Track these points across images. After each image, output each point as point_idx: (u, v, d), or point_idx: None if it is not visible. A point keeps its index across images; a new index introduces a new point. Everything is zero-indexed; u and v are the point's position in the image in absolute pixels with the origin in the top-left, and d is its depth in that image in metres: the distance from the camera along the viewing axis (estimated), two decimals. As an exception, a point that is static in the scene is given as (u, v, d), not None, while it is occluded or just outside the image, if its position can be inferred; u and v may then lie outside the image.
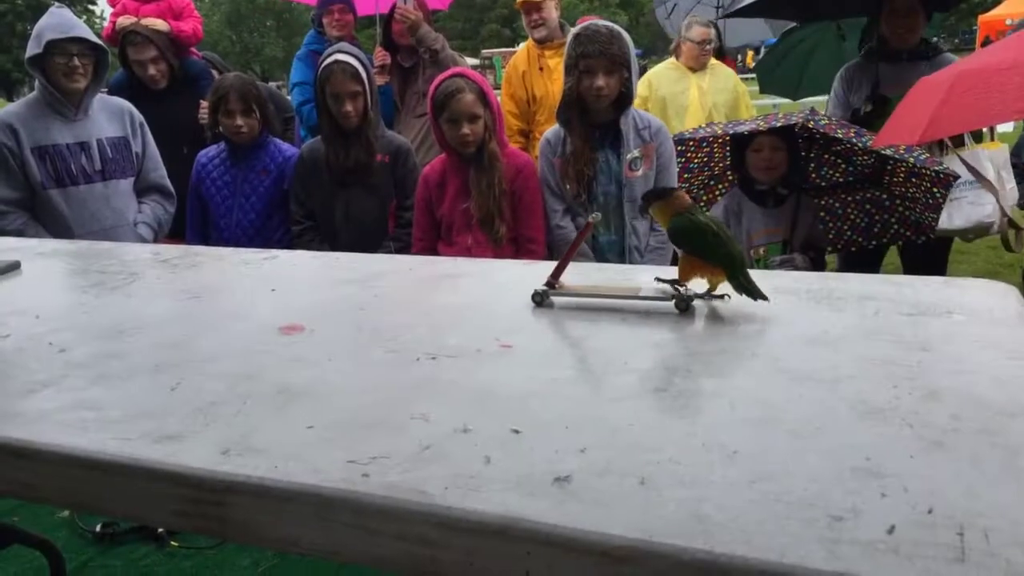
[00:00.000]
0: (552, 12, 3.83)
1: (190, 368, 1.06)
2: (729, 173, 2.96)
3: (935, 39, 3.52)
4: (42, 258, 1.76)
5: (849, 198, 2.97)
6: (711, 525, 0.65)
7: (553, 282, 1.30)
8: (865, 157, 2.84)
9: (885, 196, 2.92)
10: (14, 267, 1.60)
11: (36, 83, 2.87)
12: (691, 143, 2.91)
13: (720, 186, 3.03)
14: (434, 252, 2.64)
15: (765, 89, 5.53)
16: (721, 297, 1.22)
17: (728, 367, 0.99)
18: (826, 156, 2.96)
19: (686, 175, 3.00)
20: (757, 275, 1.22)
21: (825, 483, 0.71)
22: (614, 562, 0.64)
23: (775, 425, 0.82)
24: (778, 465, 0.74)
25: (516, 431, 0.84)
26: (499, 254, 2.55)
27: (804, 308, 1.19)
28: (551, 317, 1.23)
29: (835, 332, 1.07)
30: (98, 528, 2.16)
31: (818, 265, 2.73)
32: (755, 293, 1.17)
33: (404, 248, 2.74)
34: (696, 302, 1.21)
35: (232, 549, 2.09)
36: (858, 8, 3.55)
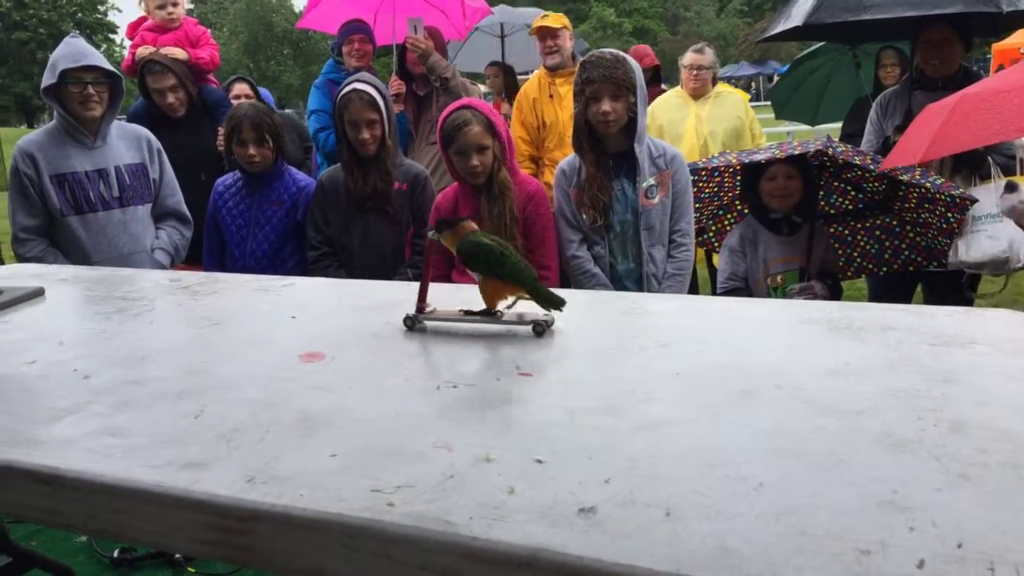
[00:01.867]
0: (567, 41, 3.88)
1: (212, 395, 1.06)
2: (738, 203, 2.97)
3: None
4: (64, 284, 1.78)
5: (859, 225, 2.97)
6: (739, 559, 0.65)
7: (422, 306, 1.34)
8: (876, 184, 2.85)
9: (895, 223, 2.92)
10: (38, 293, 1.61)
11: (54, 112, 2.91)
12: (703, 172, 2.93)
13: (729, 216, 3.04)
14: (448, 280, 2.65)
15: (781, 115, 5.57)
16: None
17: (749, 398, 0.99)
18: (836, 184, 2.96)
19: (696, 204, 3.00)
20: (777, 304, 1.22)
21: (852, 516, 0.70)
22: (641, 595, 0.64)
23: (799, 457, 0.82)
24: (804, 498, 0.74)
25: (539, 461, 0.84)
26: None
27: (825, 338, 1.19)
28: (565, 344, 1.23)
29: (858, 363, 1.06)
30: (115, 554, 2.15)
31: (835, 292, 2.72)
32: (557, 303, 1.25)
33: (419, 276, 2.75)
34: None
35: (251, 575, 2.08)
36: (899, 33, 3.57)
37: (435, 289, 1.40)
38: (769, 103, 5.67)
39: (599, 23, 41.39)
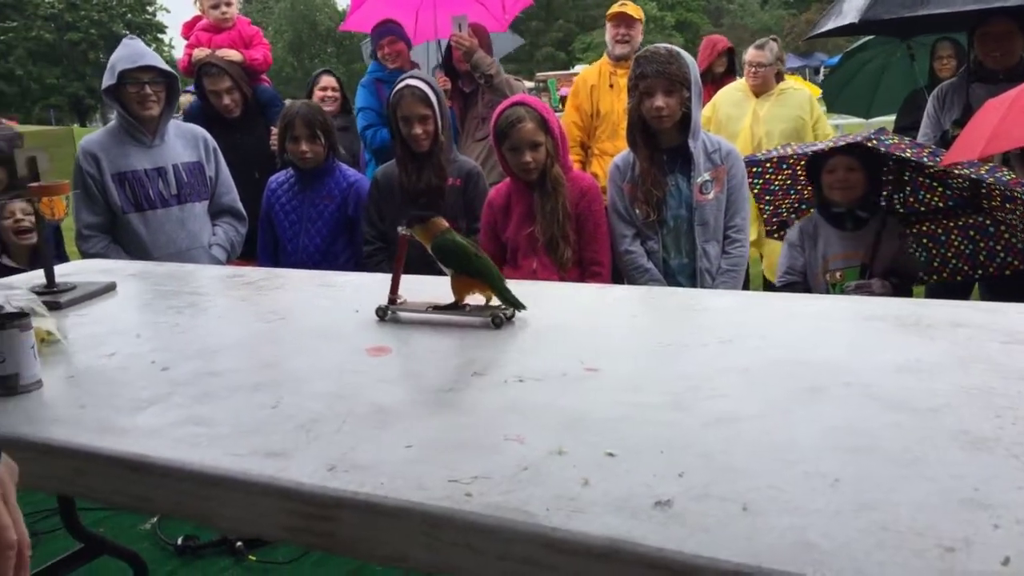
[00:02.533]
0: (639, 34, 3.85)
1: (287, 387, 1.09)
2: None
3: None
4: (133, 280, 1.84)
5: (951, 224, 2.77)
6: (820, 553, 0.66)
7: (394, 298, 1.42)
8: (959, 180, 2.71)
9: (988, 222, 2.72)
10: (110, 288, 1.67)
11: (115, 112, 2.99)
12: (767, 164, 2.86)
13: (812, 209, 2.92)
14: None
15: (833, 108, 5.48)
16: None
17: (817, 394, 0.98)
18: (921, 179, 2.79)
19: (767, 197, 2.93)
20: (838, 300, 1.21)
21: (933, 513, 0.70)
22: (723, 586, 0.65)
23: (873, 453, 0.82)
24: (882, 494, 0.74)
25: (611, 454, 0.85)
26: (564, 277, 2.57)
27: (892, 334, 1.18)
28: (628, 340, 1.24)
29: (928, 359, 1.06)
30: (179, 541, 2.22)
31: (901, 292, 2.61)
32: (516, 304, 1.35)
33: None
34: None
35: (309, 564, 2.13)
36: (954, 25, 3.48)
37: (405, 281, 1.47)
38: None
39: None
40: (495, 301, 1.40)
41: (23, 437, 0.97)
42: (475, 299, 1.42)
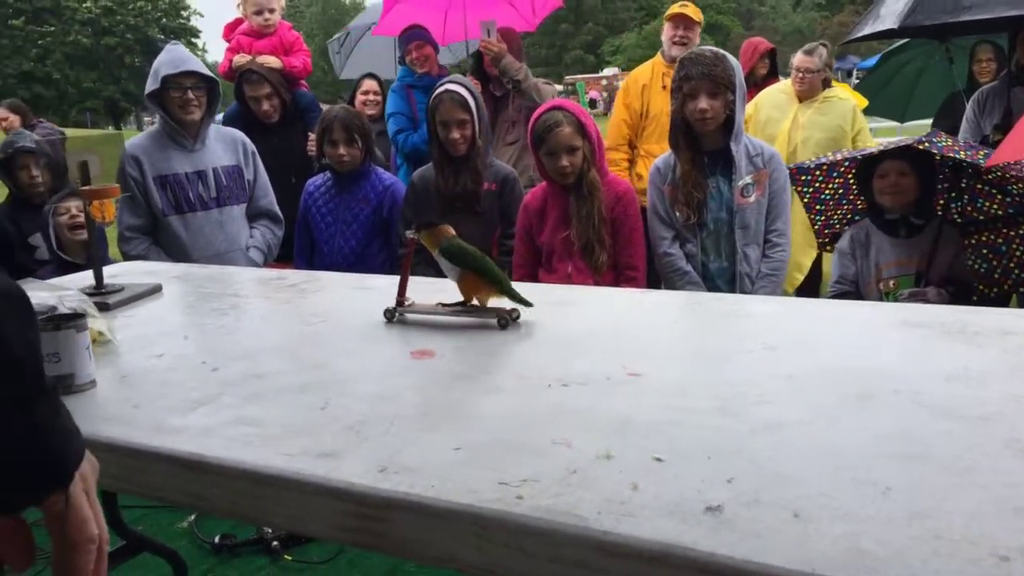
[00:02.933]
0: (696, 36, 3.83)
1: (334, 389, 1.11)
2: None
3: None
4: (178, 281, 1.87)
5: (1012, 232, 2.65)
6: (874, 560, 0.66)
7: (402, 300, 1.48)
8: (1020, 185, 2.62)
9: None
10: (157, 290, 1.70)
11: (157, 116, 3.06)
12: (817, 172, 2.80)
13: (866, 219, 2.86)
14: (534, 279, 2.67)
15: (869, 111, 5.41)
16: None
17: (866, 401, 0.98)
18: (979, 187, 2.69)
19: (818, 207, 2.86)
20: (883, 306, 1.21)
21: (987, 522, 0.70)
22: (776, 592, 0.65)
23: (925, 461, 0.81)
24: (934, 502, 0.74)
25: (658, 459, 0.85)
26: (599, 282, 2.57)
27: (939, 342, 1.17)
28: (671, 345, 1.25)
29: (977, 368, 1.05)
30: (216, 539, 2.25)
31: (959, 302, 2.52)
32: (523, 301, 1.42)
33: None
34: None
35: (344, 564, 2.15)
36: (995, 28, 3.43)
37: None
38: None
39: (671, 19, 40.82)
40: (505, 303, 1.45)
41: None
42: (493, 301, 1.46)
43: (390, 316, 1.46)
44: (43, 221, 3.16)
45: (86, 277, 1.84)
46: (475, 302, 1.46)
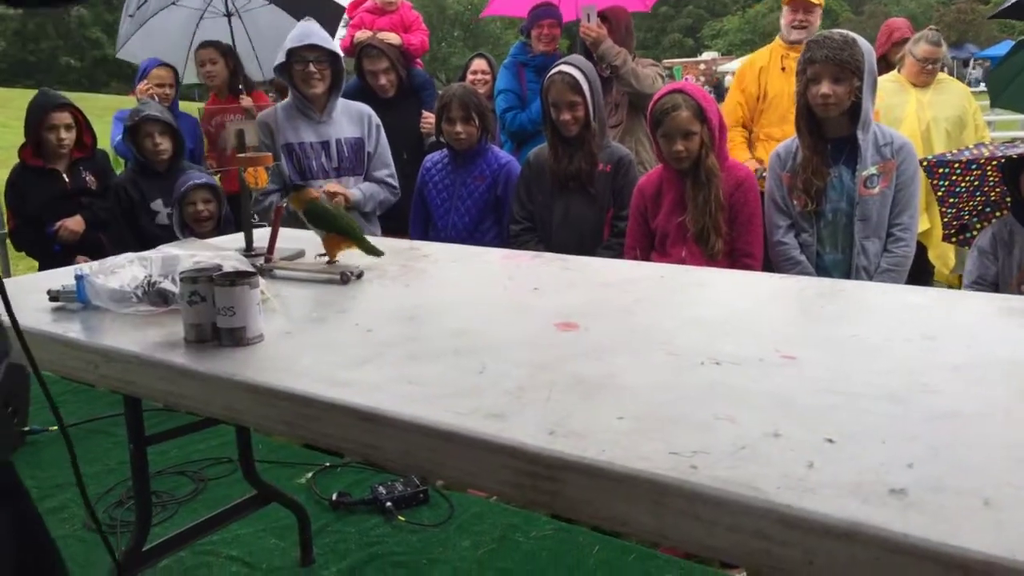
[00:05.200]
0: (817, 20, 3.74)
1: (488, 355, 1.14)
2: (1009, 198, 2.68)
3: None
4: (319, 247, 1.95)
5: None
6: (1080, 552, 0.64)
7: (270, 257, 1.72)
8: None
9: None
10: (300, 255, 1.78)
11: (289, 89, 3.18)
12: (956, 166, 2.70)
13: (998, 213, 2.72)
14: (648, 258, 2.67)
15: (998, 103, 5.14)
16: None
17: (1041, 396, 0.95)
18: None
19: (951, 199, 2.77)
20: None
21: None
22: (972, 576, 0.65)
23: (1119, 459, 0.79)
24: None
25: (831, 440, 0.85)
26: (714, 267, 2.54)
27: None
28: (823, 328, 1.23)
29: None
30: (334, 497, 2.36)
31: None
32: (377, 252, 1.71)
33: (616, 256, 2.79)
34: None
35: (455, 529, 2.21)
36: None
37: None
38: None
39: (776, 3, 39.69)
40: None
41: (261, 383, 1.06)
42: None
43: (260, 270, 1.58)
44: (166, 187, 3.32)
45: (232, 241, 1.95)
46: (338, 258, 1.69)
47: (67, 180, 3.50)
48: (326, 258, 1.71)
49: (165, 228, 3.28)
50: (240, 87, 3.98)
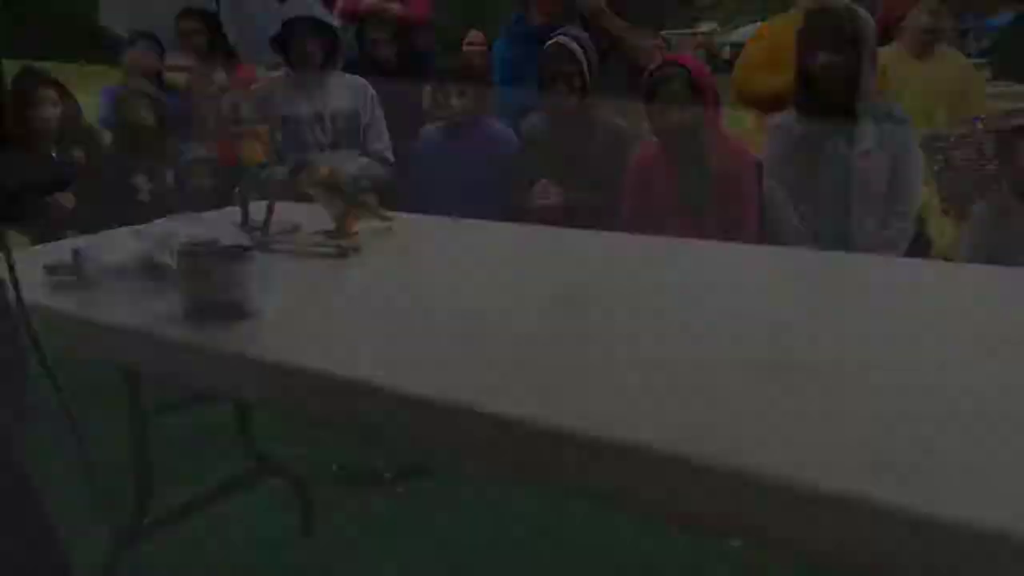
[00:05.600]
0: None
1: (488, 328, 1.14)
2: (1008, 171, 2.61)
3: None
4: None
5: None
6: None
7: (266, 231, 1.70)
8: None
9: None
10: (297, 228, 1.78)
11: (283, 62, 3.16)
12: (953, 139, 2.69)
13: (995, 186, 2.70)
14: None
15: (1000, 75, 5.09)
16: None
17: None
18: None
19: (949, 173, 2.77)
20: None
21: None
22: None
23: None
24: None
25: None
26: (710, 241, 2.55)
27: None
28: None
29: None
30: (334, 468, 2.38)
31: None
32: (388, 218, 1.76)
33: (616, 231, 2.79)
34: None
35: (455, 501, 2.23)
36: None
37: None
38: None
39: (775, -27, 39.15)
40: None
41: (260, 357, 1.07)
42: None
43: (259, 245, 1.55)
44: (146, 164, 3.24)
45: (226, 215, 1.94)
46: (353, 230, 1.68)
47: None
48: (322, 234, 1.70)
49: (143, 205, 3.21)
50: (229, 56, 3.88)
